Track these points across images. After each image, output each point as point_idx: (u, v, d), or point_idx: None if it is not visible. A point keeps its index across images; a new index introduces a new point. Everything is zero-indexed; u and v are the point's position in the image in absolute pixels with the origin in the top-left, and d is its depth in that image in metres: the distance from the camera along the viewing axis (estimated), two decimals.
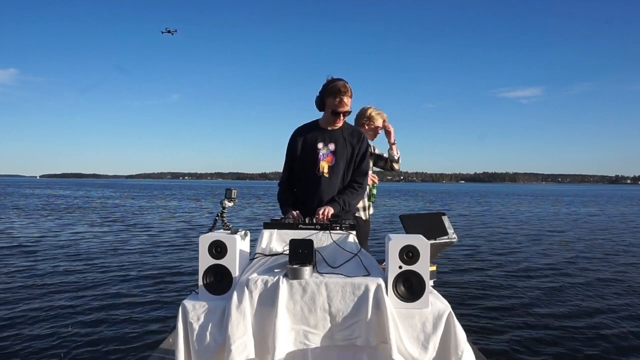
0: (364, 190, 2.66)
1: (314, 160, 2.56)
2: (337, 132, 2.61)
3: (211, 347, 1.72)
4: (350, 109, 2.53)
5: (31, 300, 4.76)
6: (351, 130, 2.65)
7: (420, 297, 1.74)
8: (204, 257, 1.81)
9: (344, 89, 2.45)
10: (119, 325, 4.01)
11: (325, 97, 2.51)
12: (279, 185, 2.72)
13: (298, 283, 1.76)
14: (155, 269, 6.51)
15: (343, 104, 2.48)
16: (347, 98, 2.48)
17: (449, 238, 2.25)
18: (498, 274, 6.32)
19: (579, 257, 7.76)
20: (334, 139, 2.59)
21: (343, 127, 2.63)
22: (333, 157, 2.57)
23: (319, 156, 2.56)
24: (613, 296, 5.15)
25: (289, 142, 2.67)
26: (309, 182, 2.56)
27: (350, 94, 2.50)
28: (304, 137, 2.62)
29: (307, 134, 2.63)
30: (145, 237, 9.99)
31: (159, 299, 4.88)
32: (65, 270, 6.32)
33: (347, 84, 2.48)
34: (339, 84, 2.46)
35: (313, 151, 2.58)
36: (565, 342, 3.69)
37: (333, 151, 2.57)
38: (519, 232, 11.69)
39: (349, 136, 2.61)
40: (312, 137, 2.61)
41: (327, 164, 2.55)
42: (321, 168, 2.55)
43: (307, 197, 2.56)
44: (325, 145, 2.58)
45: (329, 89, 2.48)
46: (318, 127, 2.64)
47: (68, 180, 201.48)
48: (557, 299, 5.00)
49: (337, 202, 2.49)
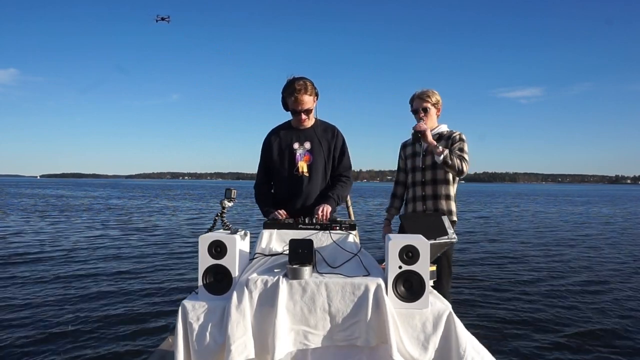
0: (351, 182, 2.68)
1: (291, 161, 2.57)
2: (311, 130, 2.62)
3: (211, 347, 1.72)
4: (311, 107, 2.53)
5: (30, 300, 4.76)
6: (324, 127, 2.66)
7: (420, 297, 1.74)
8: (204, 257, 1.81)
9: (300, 87, 2.45)
10: (118, 325, 4.00)
11: (286, 98, 2.53)
12: (255, 188, 2.71)
13: (298, 283, 1.76)
14: (154, 269, 6.50)
15: (300, 102, 2.48)
16: (305, 96, 2.47)
17: (449, 238, 2.25)
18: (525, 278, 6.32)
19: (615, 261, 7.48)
20: (309, 138, 2.60)
21: (316, 124, 2.64)
22: (310, 155, 2.58)
23: (297, 156, 2.57)
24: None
25: (264, 145, 2.67)
26: (290, 183, 2.56)
27: (311, 91, 2.49)
28: (279, 138, 2.63)
29: (282, 136, 2.63)
30: (144, 237, 9.98)
31: (159, 299, 4.87)
32: (64, 270, 6.31)
33: (306, 82, 2.48)
34: (296, 82, 2.46)
35: (290, 152, 2.59)
36: (577, 346, 3.65)
37: (309, 150, 2.58)
38: (554, 234, 11.64)
39: (323, 133, 2.62)
40: (287, 138, 2.61)
41: (306, 163, 2.57)
42: (300, 168, 2.56)
43: (291, 198, 2.57)
44: (301, 145, 2.59)
45: (287, 89, 2.50)
46: (291, 127, 2.65)
47: (68, 180, 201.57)
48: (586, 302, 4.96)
49: (332, 198, 2.50)
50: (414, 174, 2.88)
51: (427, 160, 2.82)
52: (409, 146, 2.99)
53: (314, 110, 2.59)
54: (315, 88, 2.54)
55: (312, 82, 2.52)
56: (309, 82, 2.50)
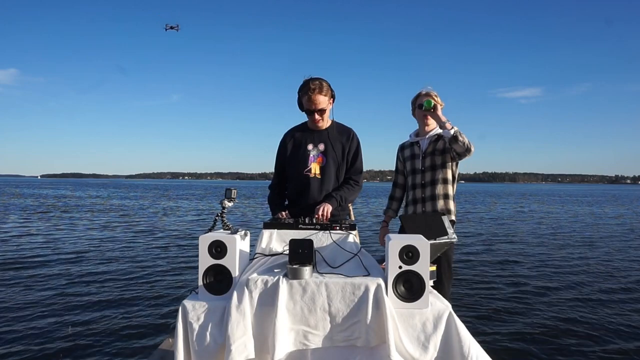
0: (360, 187, 2.66)
1: (304, 162, 2.58)
2: (326, 132, 2.62)
3: (211, 347, 1.72)
4: (325, 107, 2.52)
5: (30, 300, 4.76)
6: (341, 129, 2.65)
7: (420, 297, 1.74)
8: (204, 257, 1.81)
9: (314, 87, 2.45)
10: (118, 325, 4.01)
11: (301, 97, 2.53)
12: (270, 189, 2.73)
13: (298, 283, 1.76)
14: (155, 269, 6.51)
15: (314, 101, 2.47)
16: (320, 96, 2.47)
17: (449, 238, 2.25)
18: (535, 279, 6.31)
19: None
20: (324, 139, 2.60)
21: (332, 126, 2.64)
22: (323, 157, 2.58)
23: (310, 158, 2.58)
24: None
25: (280, 146, 2.69)
26: (302, 184, 2.57)
27: (326, 92, 2.49)
28: (294, 139, 2.64)
29: (297, 137, 2.64)
30: (144, 237, 9.99)
31: (159, 299, 4.87)
32: (64, 270, 6.32)
33: (322, 82, 2.48)
34: (311, 82, 2.47)
35: (303, 153, 2.59)
36: (577, 346, 3.65)
37: (323, 151, 2.58)
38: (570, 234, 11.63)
39: (338, 135, 2.62)
40: (302, 139, 2.62)
41: (318, 164, 2.57)
42: (313, 169, 2.56)
43: (301, 199, 2.57)
44: (315, 147, 2.59)
45: (302, 88, 2.50)
46: (307, 128, 2.65)
47: (68, 180, 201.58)
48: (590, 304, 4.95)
49: (334, 198, 2.50)
50: (414, 176, 2.87)
51: (427, 162, 2.81)
52: (407, 148, 2.97)
53: (329, 111, 2.58)
54: (331, 89, 2.54)
55: (328, 83, 2.52)
56: (324, 82, 2.50)
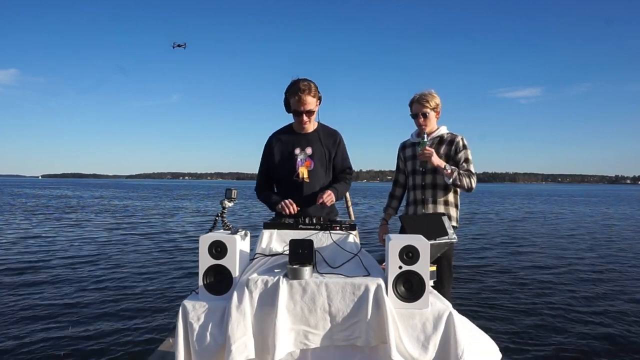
0: (350, 181, 2.69)
1: (292, 167, 2.56)
2: (313, 135, 2.60)
3: (211, 348, 1.72)
4: (313, 109, 2.51)
5: (30, 300, 4.76)
6: (327, 132, 2.64)
7: (420, 297, 1.74)
8: (204, 257, 1.81)
9: (304, 87, 2.43)
10: (118, 325, 4.01)
11: (289, 98, 2.51)
12: (256, 190, 2.69)
13: (298, 283, 1.76)
14: (155, 269, 6.51)
15: (303, 102, 2.45)
16: (309, 97, 2.45)
17: (449, 238, 2.25)
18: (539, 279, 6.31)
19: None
20: (311, 143, 2.58)
21: (318, 129, 2.62)
22: (311, 161, 2.56)
23: (297, 162, 2.55)
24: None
25: (265, 149, 2.65)
26: (290, 188, 2.55)
27: (314, 93, 2.47)
28: (280, 142, 2.61)
29: (283, 140, 2.61)
30: (144, 237, 9.99)
31: (159, 299, 4.88)
32: (64, 270, 6.32)
33: (310, 83, 2.46)
34: (301, 83, 2.45)
35: (290, 157, 2.57)
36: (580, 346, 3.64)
37: (310, 155, 2.57)
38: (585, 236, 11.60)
39: (325, 138, 2.60)
40: (289, 143, 2.59)
41: (306, 169, 2.55)
42: (301, 174, 2.53)
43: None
44: (302, 150, 2.57)
45: (291, 89, 2.48)
46: (293, 131, 2.62)
47: (69, 180, 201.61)
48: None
49: (336, 189, 2.52)
50: (414, 177, 2.85)
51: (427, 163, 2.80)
52: (408, 147, 2.94)
53: (316, 114, 2.57)
54: (319, 91, 2.52)
55: (316, 85, 2.51)
56: (313, 83, 2.49)
